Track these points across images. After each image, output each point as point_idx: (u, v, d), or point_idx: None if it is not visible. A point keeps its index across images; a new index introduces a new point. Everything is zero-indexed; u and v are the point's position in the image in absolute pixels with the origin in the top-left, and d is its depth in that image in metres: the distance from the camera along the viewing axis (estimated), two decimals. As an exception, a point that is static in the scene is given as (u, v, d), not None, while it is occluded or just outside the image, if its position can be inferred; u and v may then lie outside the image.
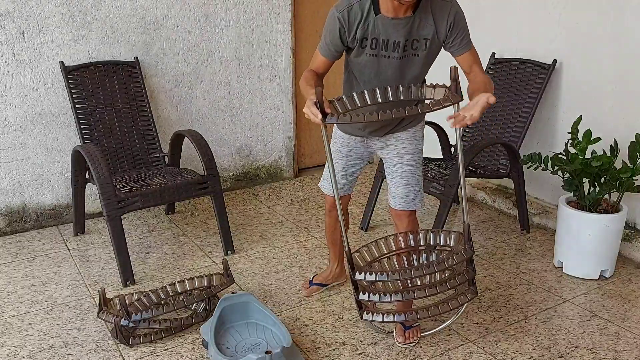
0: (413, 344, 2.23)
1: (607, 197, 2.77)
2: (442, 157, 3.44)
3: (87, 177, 3.05)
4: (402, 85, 1.95)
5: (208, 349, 2.15)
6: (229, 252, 3.02)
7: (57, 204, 3.39)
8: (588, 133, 2.68)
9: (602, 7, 2.96)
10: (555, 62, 3.19)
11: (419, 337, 2.27)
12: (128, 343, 2.23)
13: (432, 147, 3.61)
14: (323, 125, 1.82)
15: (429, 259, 2.13)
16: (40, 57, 3.16)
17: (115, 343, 2.26)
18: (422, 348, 2.23)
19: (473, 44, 2.00)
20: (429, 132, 3.42)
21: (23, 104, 3.17)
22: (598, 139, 2.67)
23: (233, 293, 2.34)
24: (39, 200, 3.33)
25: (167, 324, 2.27)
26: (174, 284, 2.40)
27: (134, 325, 2.25)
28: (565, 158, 2.72)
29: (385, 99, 1.92)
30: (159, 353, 2.20)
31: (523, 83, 3.29)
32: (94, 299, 2.58)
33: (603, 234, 2.67)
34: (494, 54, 3.50)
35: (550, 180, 3.29)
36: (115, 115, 3.23)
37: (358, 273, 1.95)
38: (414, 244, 2.15)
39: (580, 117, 2.78)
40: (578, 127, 2.73)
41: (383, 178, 3.24)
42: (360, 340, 2.28)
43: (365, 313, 2.03)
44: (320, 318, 2.44)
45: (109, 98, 3.23)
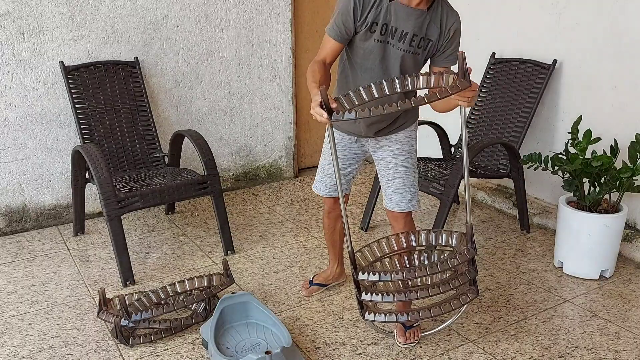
0: (414, 344, 2.23)
1: (607, 197, 2.77)
2: (442, 157, 3.44)
3: (87, 177, 3.05)
4: (393, 119, 1.97)
5: (208, 349, 2.15)
6: (229, 252, 3.02)
7: (57, 204, 3.39)
8: (588, 133, 2.68)
9: (602, 7, 2.96)
10: (555, 62, 3.19)
11: (420, 337, 2.27)
12: (128, 343, 2.23)
13: (432, 147, 3.62)
14: (329, 125, 1.80)
15: (431, 259, 2.13)
16: (40, 57, 3.16)
17: (115, 343, 2.26)
18: (422, 348, 2.23)
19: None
20: (429, 132, 3.44)
21: (23, 104, 3.17)
22: (598, 139, 2.67)
23: (233, 293, 2.34)
24: (39, 200, 3.33)
25: (167, 324, 2.27)
26: (174, 284, 2.41)
27: (134, 325, 2.25)
28: (565, 158, 2.72)
29: (393, 91, 1.85)
30: (159, 353, 2.20)
31: (523, 83, 3.29)
32: (94, 299, 2.58)
33: (603, 234, 2.67)
34: (494, 54, 3.50)
35: (550, 180, 3.29)
36: (115, 115, 3.23)
37: (361, 273, 1.94)
38: (416, 244, 2.15)
39: (580, 117, 2.78)
40: (578, 127, 2.73)
41: (383, 178, 3.23)
42: (360, 340, 2.28)
43: (367, 313, 2.02)
44: (320, 318, 2.44)
45: (109, 98, 3.23)
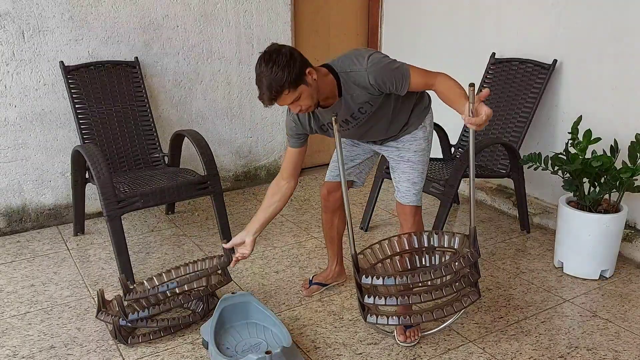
0: (414, 343, 2.23)
1: (607, 197, 2.77)
2: (442, 157, 3.44)
3: (87, 177, 3.05)
4: (387, 129, 2.17)
5: (208, 349, 2.15)
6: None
7: (57, 204, 3.39)
8: (588, 133, 2.67)
9: (602, 7, 2.95)
10: (555, 62, 3.19)
11: (420, 336, 2.27)
12: (127, 343, 2.23)
13: (432, 147, 3.61)
14: (337, 130, 1.89)
15: (432, 261, 2.13)
16: (40, 57, 3.16)
17: (115, 343, 2.26)
18: (422, 348, 2.23)
19: (409, 70, 1.98)
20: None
21: (23, 104, 3.17)
22: (598, 139, 2.67)
23: (233, 293, 2.34)
24: (39, 200, 3.33)
25: (164, 324, 2.27)
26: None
27: (131, 325, 2.25)
28: (565, 158, 2.72)
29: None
30: (159, 353, 2.20)
31: (523, 83, 3.28)
32: (94, 299, 2.58)
33: (603, 234, 2.67)
34: (494, 54, 3.49)
35: (550, 180, 3.29)
36: (115, 115, 3.23)
37: (365, 276, 1.94)
38: (418, 246, 2.15)
39: (580, 117, 2.78)
40: (578, 127, 2.73)
41: (383, 178, 3.24)
42: (361, 341, 2.28)
43: (369, 315, 2.01)
44: (320, 318, 2.44)
45: (109, 98, 3.23)
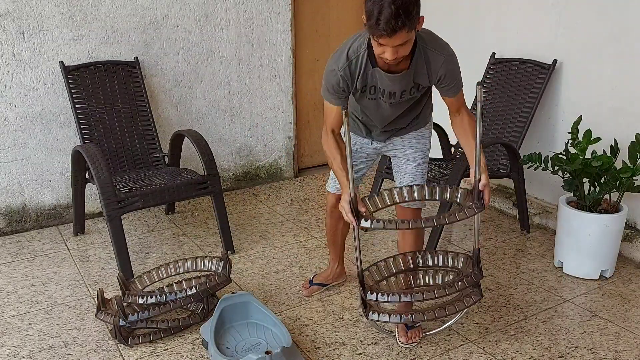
0: (415, 344, 2.23)
1: (607, 197, 2.77)
2: (442, 157, 3.43)
3: (87, 177, 3.05)
4: (403, 118, 2.18)
5: (208, 349, 2.15)
6: (229, 252, 3.01)
7: (57, 204, 3.39)
8: (588, 133, 2.68)
9: (602, 7, 2.95)
10: (555, 62, 3.19)
11: (421, 337, 2.27)
12: (127, 343, 2.23)
13: (432, 147, 3.61)
14: (347, 124, 1.86)
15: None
16: (40, 57, 3.16)
17: (115, 343, 2.26)
18: (422, 348, 2.23)
19: (462, 89, 2.08)
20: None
21: (23, 104, 3.17)
22: (598, 139, 2.67)
23: (233, 293, 2.34)
24: (39, 200, 3.33)
25: (164, 324, 2.27)
26: (172, 285, 2.40)
27: (131, 326, 2.25)
28: (565, 158, 2.72)
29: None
30: (159, 353, 2.20)
31: (523, 83, 3.28)
32: (94, 299, 2.58)
33: (603, 234, 2.67)
34: (494, 54, 3.49)
35: (550, 180, 3.29)
36: (115, 115, 3.23)
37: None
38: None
39: (580, 117, 2.78)
40: (578, 127, 2.73)
41: (383, 178, 3.23)
42: (361, 340, 2.28)
43: (371, 312, 2.04)
44: (320, 318, 2.44)
45: (109, 98, 3.23)
